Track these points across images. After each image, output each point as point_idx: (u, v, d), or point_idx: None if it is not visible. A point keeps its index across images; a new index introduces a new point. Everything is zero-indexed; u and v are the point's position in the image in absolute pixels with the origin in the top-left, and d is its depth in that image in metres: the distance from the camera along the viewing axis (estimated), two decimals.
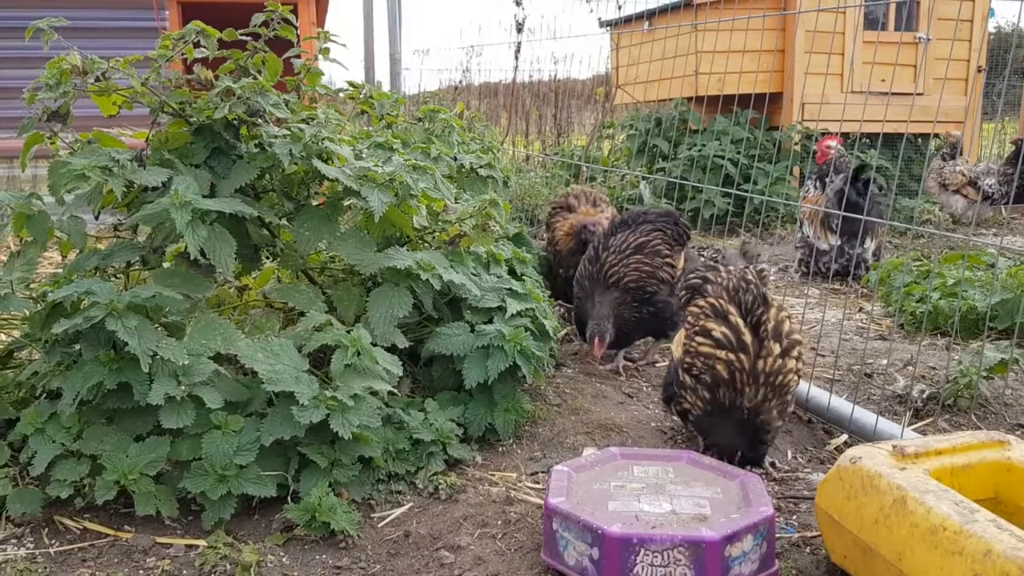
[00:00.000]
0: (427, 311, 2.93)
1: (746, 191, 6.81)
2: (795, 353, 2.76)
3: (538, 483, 2.64)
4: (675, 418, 3.09)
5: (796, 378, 2.76)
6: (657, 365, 3.83)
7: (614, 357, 3.80)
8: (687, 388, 2.81)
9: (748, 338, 2.71)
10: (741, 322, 2.74)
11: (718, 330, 2.75)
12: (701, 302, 2.89)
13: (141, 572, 2.15)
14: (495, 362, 2.78)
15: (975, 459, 2.10)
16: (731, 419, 2.71)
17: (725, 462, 2.57)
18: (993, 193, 7.36)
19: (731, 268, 3.05)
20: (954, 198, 7.58)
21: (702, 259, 4.02)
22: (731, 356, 2.69)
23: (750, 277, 2.89)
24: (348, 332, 2.52)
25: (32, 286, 2.61)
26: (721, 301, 2.82)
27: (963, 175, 7.54)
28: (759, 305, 2.77)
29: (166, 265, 2.80)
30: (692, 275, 3.08)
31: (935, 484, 1.90)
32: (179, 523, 2.35)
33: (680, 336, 3.01)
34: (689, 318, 2.92)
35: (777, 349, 2.71)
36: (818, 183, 5.91)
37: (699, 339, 2.80)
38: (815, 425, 3.19)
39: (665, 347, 3.89)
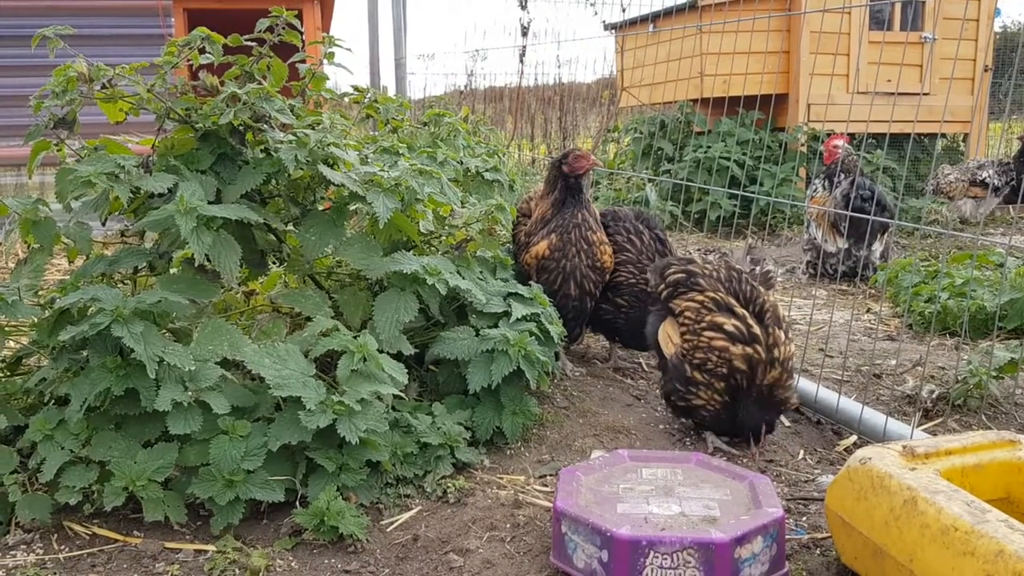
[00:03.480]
0: (434, 316, 2.93)
1: (752, 193, 6.79)
2: (791, 335, 2.91)
3: (547, 486, 2.63)
4: (669, 412, 3.11)
5: (794, 358, 2.93)
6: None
7: (610, 354, 3.85)
8: (699, 384, 2.84)
9: (758, 329, 2.81)
10: (747, 313, 2.82)
11: (729, 323, 2.81)
12: (699, 296, 2.93)
13: None
14: (499, 367, 2.78)
15: (986, 459, 2.09)
16: (750, 398, 2.81)
17: (750, 442, 2.81)
18: (996, 183, 7.38)
19: (708, 258, 3.11)
20: (961, 202, 7.58)
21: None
22: (747, 349, 2.78)
23: (735, 265, 2.98)
24: (355, 337, 2.52)
25: (40, 293, 2.62)
26: (720, 294, 2.87)
27: (960, 180, 7.55)
28: (755, 293, 2.86)
29: (173, 270, 2.81)
30: (672, 269, 3.08)
31: (946, 484, 1.89)
32: (188, 528, 2.35)
33: (669, 330, 3.02)
34: (687, 313, 2.94)
35: (783, 336, 2.84)
36: (826, 183, 5.91)
37: (709, 334, 2.83)
38: (824, 426, 3.18)
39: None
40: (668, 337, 3.03)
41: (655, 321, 3.13)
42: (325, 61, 3.16)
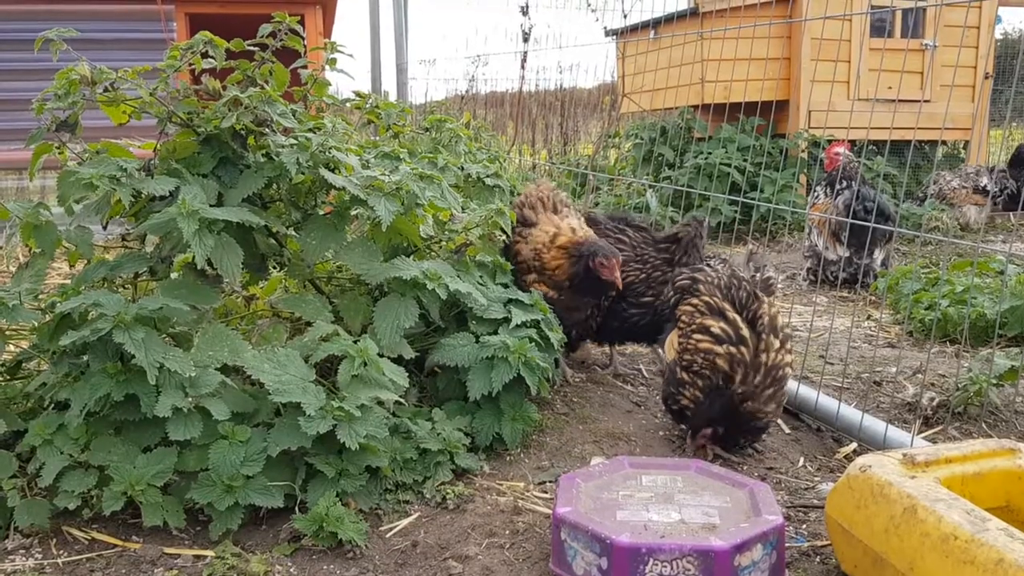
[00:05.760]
0: (434, 321, 2.93)
1: (753, 199, 6.79)
2: (788, 346, 2.86)
3: (546, 492, 2.63)
4: (669, 418, 3.10)
5: (791, 370, 2.87)
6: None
7: (610, 360, 3.84)
8: (684, 385, 2.85)
9: (746, 332, 2.79)
10: (738, 318, 2.82)
11: (716, 326, 2.81)
12: (695, 300, 2.95)
13: None
14: (499, 374, 2.78)
15: (986, 467, 2.08)
16: (721, 399, 2.78)
17: (703, 437, 2.77)
18: (993, 189, 7.44)
19: (718, 267, 3.11)
20: (965, 209, 7.61)
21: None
22: (731, 349, 2.77)
23: (741, 274, 2.98)
24: (355, 342, 2.52)
25: (40, 297, 2.62)
26: (715, 299, 2.88)
27: (963, 188, 7.59)
28: (753, 300, 2.86)
29: (174, 275, 2.81)
30: (680, 276, 3.11)
31: (946, 493, 1.89)
32: (187, 534, 2.35)
33: (673, 336, 3.05)
34: (683, 317, 2.97)
35: (777, 343, 2.81)
36: (828, 189, 5.91)
37: (697, 336, 2.85)
38: (824, 433, 3.18)
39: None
40: (671, 343, 3.05)
41: (669, 329, 3.16)
42: (327, 67, 3.16)
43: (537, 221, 3.57)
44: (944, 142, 9.23)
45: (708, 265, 3.26)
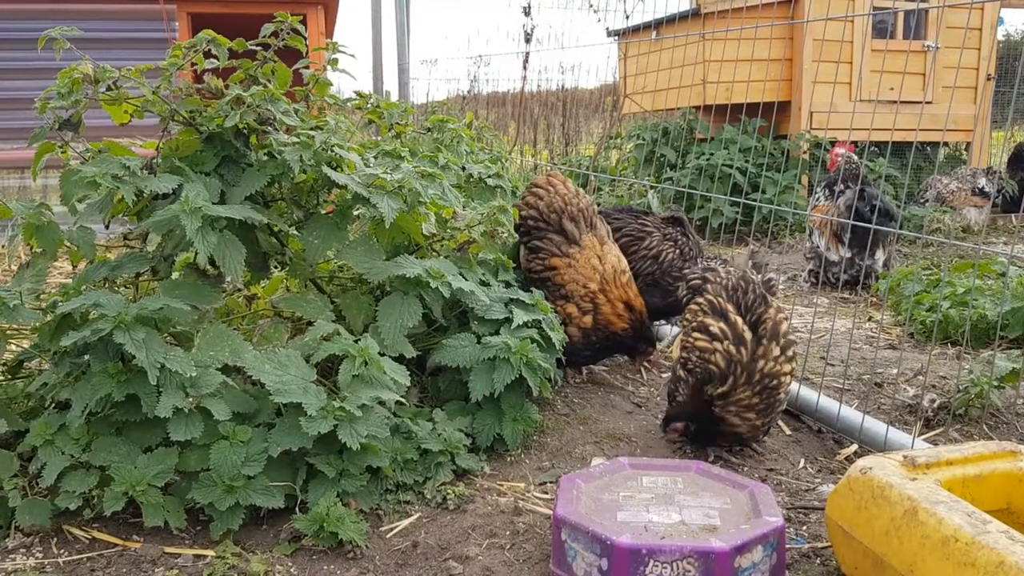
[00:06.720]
0: (436, 320, 2.93)
1: (754, 200, 6.79)
2: (790, 354, 2.82)
3: (547, 493, 2.63)
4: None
5: (790, 379, 2.83)
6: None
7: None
8: (680, 382, 2.87)
9: (748, 335, 2.76)
10: (739, 320, 2.80)
11: (715, 326, 2.81)
12: (700, 300, 2.95)
13: None
14: (501, 375, 2.77)
15: (987, 470, 2.08)
16: (696, 398, 2.82)
17: (673, 431, 2.85)
18: (991, 191, 7.47)
19: (731, 268, 3.11)
20: (965, 211, 7.62)
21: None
22: (730, 348, 2.74)
23: (750, 276, 2.96)
24: (356, 342, 2.52)
25: (42, 296, 2.62)
26: (720, 299, 2.88)
27: (961, 190, 7.61)
28: (759, 304, 2.83)
29: (175, 275, 2.81)
30: (693, 275, 3.13)
31: (946, 495, 1.89)
32: (187, 533, 2.35)
33: (682, 337, 3.06)
34: (687, 315, 2.97)
35: (776, 351, 2.76)
36: (828, 191, 5.90)
37: (696, 335, 2.85)
38: (825, 435, 3.18)
39: None
40: (678, 342, 3.07)
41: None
42: (329, 67, 3.16)
43: (581, 242, 3.47)
44: (946, 143, 9.22)
45: (720, 265, 3.27)
